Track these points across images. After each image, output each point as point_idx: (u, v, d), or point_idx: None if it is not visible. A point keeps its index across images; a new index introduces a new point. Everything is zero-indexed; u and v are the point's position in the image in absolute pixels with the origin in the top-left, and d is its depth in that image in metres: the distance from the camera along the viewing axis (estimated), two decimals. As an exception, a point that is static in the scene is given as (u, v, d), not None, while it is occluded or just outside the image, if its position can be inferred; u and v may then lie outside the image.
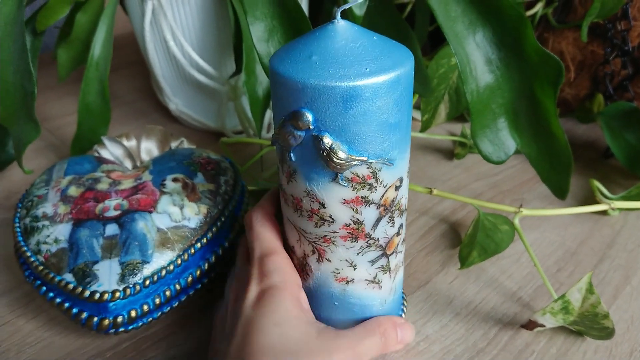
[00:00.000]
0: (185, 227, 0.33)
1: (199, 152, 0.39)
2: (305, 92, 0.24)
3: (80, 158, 0.40)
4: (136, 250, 0.32)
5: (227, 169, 0.39)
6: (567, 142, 0.36)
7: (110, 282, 0.31)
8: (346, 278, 0.29)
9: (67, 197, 0.35)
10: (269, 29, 0.36)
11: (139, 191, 0.35)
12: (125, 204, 0.34)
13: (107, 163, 0.39)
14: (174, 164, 0.37)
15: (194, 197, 0.35)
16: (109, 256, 0.31)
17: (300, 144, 0.25)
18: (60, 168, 0.38)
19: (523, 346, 0.33)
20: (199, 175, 0.37)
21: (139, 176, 0.37)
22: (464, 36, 0.36)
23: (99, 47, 0.47)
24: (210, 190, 0.36)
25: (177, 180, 0.36)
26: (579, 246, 0.41)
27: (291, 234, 0.29)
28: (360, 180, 0.26)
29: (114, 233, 0.32)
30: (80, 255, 0.31)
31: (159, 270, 0.32)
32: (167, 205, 0.34)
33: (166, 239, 0.32)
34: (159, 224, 0.33)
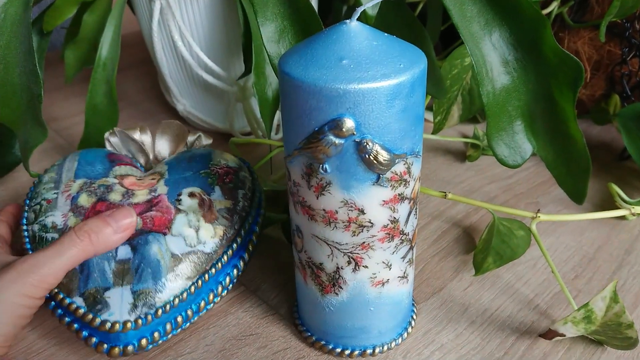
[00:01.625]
0: (200, 252, 0.32)
1: (217, 159, 0.37)
2: (348, 98, 0.23)
3: (92, 154, 0.38)
4: (149, 277, 0.30)
5: (245, 180, 0.37)
6: (585, 146, 0.35)
7: (121, 312, 0.29)
8: (382, 280, 0.29)
9: (77, 206, 0.33)
10: (280, 29, 0.36)
11: (153, 207, 0.33)
12: (139, 222, 0.32)
13: (120, 164, 0.37)
14: (191, 173, 0.35)
15: (211, 217, 0.33)
16: (121, 283, 0.30)
17: (339, 153, 0.24)
18: (70, 167, 0.36)
19: (541, 356, 0.32)
20: (217, 190, 0.35)
21: (153, 187, 0.35)
22: (480, 37, 0.35)
23: (106, 48, 0.47)
24: (228, 208, 0.34)
25: (194, 195, 0.34)
26: (597, 252, 0.40)
27: (320, 250, 0.28)
28: (398, 178, 0.26)
29: (126, 257, 0.31)
30: (91, 280, 0.30)
31: (172, 300, 0.30)
32: (182, 226, 0.32)
33: (179, 267, 0.31)
34: (173, 248, 0.31)
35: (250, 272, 0.39)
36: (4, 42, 0.38)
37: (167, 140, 0.40)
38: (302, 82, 0.24)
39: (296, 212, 0.29)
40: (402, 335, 0.33)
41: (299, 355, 0.33)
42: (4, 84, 0.38)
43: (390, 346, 0.32)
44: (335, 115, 0.24)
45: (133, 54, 0.79)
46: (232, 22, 0.48)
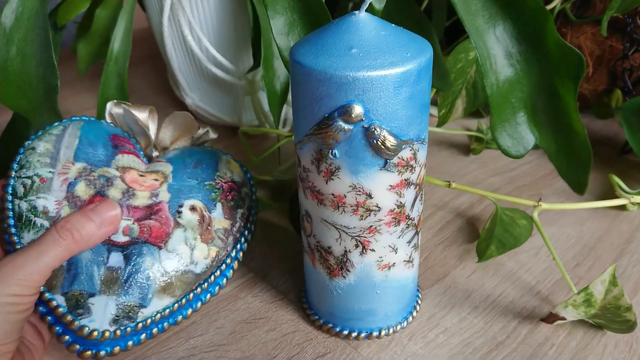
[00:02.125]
0: (190, 273, 0.31)
1: (223, 170, 0.36)
2: (357, 85, 0.24)
3: (94, 133, 0.34)
4: (136, 292, 0.29)
5: (246, 198, 0.36)
6: (586, 137, 0.36)
7: (102, 321, 0.29)
8: (388, 264, 0.30)
9: (74, 196, 0.31)
10: (289, 22, 0.37)
11: (152, 215, 0.32)
12: (136, 229, 0.31)
13: (124, 151, 0.35)
14: (195, 183, 0.34)
15: (207, 237, 0.32)
16: (107, 292, 0.29)
17: (348, 138, 0.25)
18: (70, 144, 0.33)
19: (543, 339, 0.33)
20: (218, 207, 0.34)
21: (155, 190, 0.33)
22: (484, 30, 0.36)
23: (118, 42, 0.48)
24: (225, 229, 0.33)
25: (195, 210, 0.33)
26: (598, 241, 0.41)
27: (328, 234, 0.29)
28: (405, 164, 0.27)
29: (117, 265, 0.29)
30: (77, 281, 0.29)
31: (154, 315, 0.30)
32: (179, 243, 0.31)
33: (169, 285, 0.30)
34: (166, 265, 0.30)
35: (259, 259, 0.40)
36: (22, 35, 0.39)
37: (172, 129, 0.38)
38: (313, 70, 0.25)
39: (305, 197, 0.30)
40: (408, 318, 0.34)
41: (307, 337, 0.34)
42: (21, 75, 0.39)
43: (396, 329, 0.33)
44: (345, 101, 0.25)
45: (140, 50, 0.80)
46: (241, 16, 0.49)
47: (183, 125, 0.38)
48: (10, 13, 0.38)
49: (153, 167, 0.35)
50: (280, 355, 0.32)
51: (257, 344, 0.33)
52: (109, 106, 0.36)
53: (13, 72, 0.39)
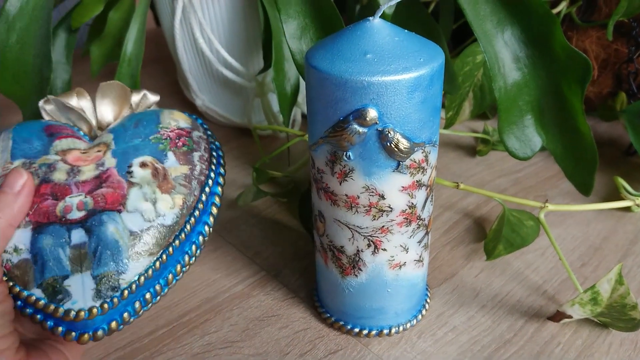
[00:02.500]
0: (160, 226, 0.30)
1: (166, 120, 0.34)
2: (371, 89, 0.25)
3: (27, 130, 0.33)
4: (109, 260, 0.28)
5: (200, 140, 0.34)
6: (592, 139, 0.37)
7: (85, 299, 0.28)
8: (399, 263, 0.31)
9: None
10: (302, 26, 0.37)
11: (103, 183, 0.30)
12: (90, 201, 0.29)
13: (60, 137, 0.33)
14: (139, 141, 0.33)
15: (167, 187, 0.31)
16: (80, 270, 0.28)
17: (362, 141, 0.26)
18: (5, 147, 0.32)
19: (549, 337, 0.34)
20: (170, 156, 0.32)
21: (100, 160, 0.32)
22: (492, 34, 0.36)
23: (131, 44, 0.49)
24: (185, 175, 0.32)
25: (146, 165, 0.31)
26: (603, 242, 0.42)
27: (341, 234, 0.30)
28: (417, 166, 0.28)
29: (81, 241, 0.28)
30: (47, 269, 0.28)
31: (137, 279, 0.29)
32: (138, 201, 0.30)
33: (141, 244, 0.29)
34: (131, 225, 0.29)
35: (270, 258, 0.41)
36: (24, 25, 0.40)
37: (109, 104, 0.36)
38: (329, 74, 0.26)
39: (319, 198, 0.31)
40: (417, 317, 0.35)
41: (318, 334, 0.34)
42: (18, 62, 0.40)
43: (406, 327, 0.34)
44: (360, 105, 0.26)
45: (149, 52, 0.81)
46: (252, 19, 0.50)
47: (117, 98, 0.36)
48: (15, 1, 0.39)
49: (95, 142, 0.34)
50: (293, 352, 0.33)
51: (270, 340, 0.34)
52: (40, 105, 0.35)
53: (11, 59, 0.40)
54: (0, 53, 0.39)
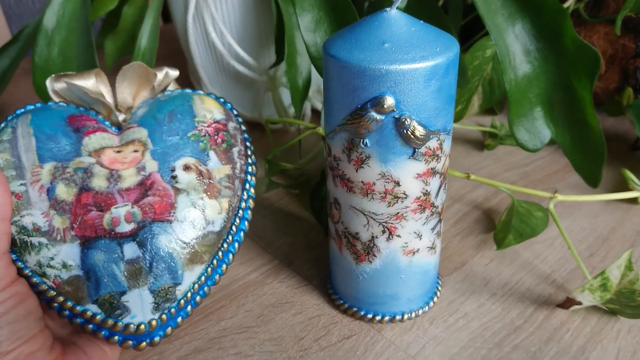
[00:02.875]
0: (211, 234, 0.30)
1: (201, 113, 0.33)
2: (389, 77, 0.26)
3: (49, 123, 0.31)
4: (165, 273, 0.28)
5: (236, 133, 0.33)
6: (601, 132, 0.38)
7: (144, 313, 0.28)
8: (413, 249, 0.31)
9: (58, 201, 0.28)
10: (316, 19, 0.38)
11: (148, 190, 0.29)
12: (138, 212, 0.28)
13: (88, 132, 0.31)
14: (177, 138, 0.31)
15: (213, 192, 0.30)
16: (137, 285, 0.28)
17: (379, 128, 0.27)
18: (28, 145, 0.30)
19: (559, 324, 0.34)
20: (211, 155, 0.31)
21: (139, 162, 0.30)
22: (503, 28, 0.37)
23: (145, 39, 0.50)
24: (228, 176, 0.31)
25: (189, 168, 0.30)
26: (610, 233, 0.42)
27: (356, 220, 0.31)
28: (432, 153, 0.28)
29: (135, 255, 0.28)
30: (102, 286, 0.27)
31: (192, 287, 0.29)
32: (187, 209, 0.29)
33: (194, 254, 0.29)
34: (183, 236, 0.29)
35: (283, 248, 0.42)
36: (63, 37, 0.41)
37: (128, 86, 0.33)
38: (347, 63, 0.26)
39: (335, 185, 0.31)
40: (429, 304, 0.35)
41: (332, 320, 0.35)
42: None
43: (418, 313, 0.35)
44: (377, 93, 0.26)
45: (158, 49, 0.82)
46: (264, 13, 0.51)
47: (138, 78, 0.33)
48: (52, 15, 0.40)
49: (127, 137, 0.31)
50: (307, 337, 0.34)
51: (285, 326, 0.35)
52: (49, 84, 0.32)
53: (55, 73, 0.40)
54: (44, 68, 0.40)
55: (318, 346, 0.33)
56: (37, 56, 0.40)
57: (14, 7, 0.89)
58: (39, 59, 0.40)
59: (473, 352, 0.33)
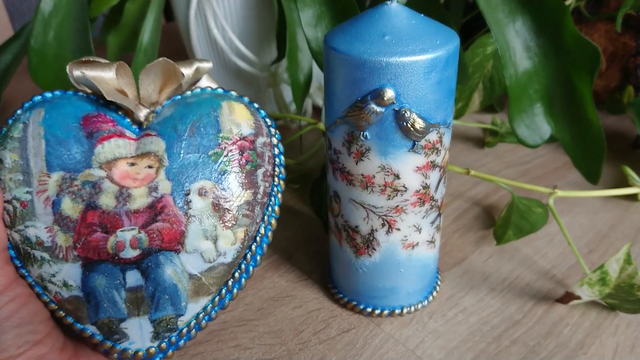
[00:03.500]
0: (221, 266, 0.28)
1: (227, 126, 0.29)
2: (389, 69, 0.26)
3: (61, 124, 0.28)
4: (167, 305, 0.27)
5: (264, 150, 0.30)
6: (601, 128, 0.38)
7: (143, 341, 0.27)
8: (412, 243, 0.32)
9: (62, 217, 0.26)
10: (318, 14, 0.38)
11: (158, 215, 0.27)
12: (144, 238, 0.26)
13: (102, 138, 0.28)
14: (196, 157, 0.28)
15: (229, 221, 0.27)
16: (137, 313, 0.27)
17: (379, 120, 0.27)
18: (37, 148, 0.27)
19: (558, 319, 0.34)
20: (232, 179, 0.28)
21: (152, 181, 0.27)
22: (504, 23, 0.37)
23: (147, 34, 0.50)
24: (248, 202, 0.28)
25: (205, 193, 0.27)
26: (610, 230, 0.42)
27: (356, 213, 0.31)
28: (431, 146, 0.28)
29: (137, 284, 0.27)
30: (102, 310, 0.27)
31: (195, 317, 0.28)
32: (198, 239, 0.27)
33: (200, 286, 0.27)
34: (190, 268, 0.27)
35: (283, 242, 0.42)
36: (59, 20, 0.41)
37: (152, 82, 0.30)
38: (347, 55, 0.27)
39: (335, 178, 0.31)
40: (428, 298, 0.35)
41: (331, 314, 0.35)
42: (58, 59, 0.41)
43: (417, 307, 0.35)
44: (377, 85, 0.26)
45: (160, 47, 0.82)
46: (265, 9, 0.51)
47: (163, 75, 0.30)
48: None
49: (143, 146, 0.28)
50: (307, 331, 0.34)
51: (284, 319, 0.35)
52: (69, 70, 0.29)
53: (51, 56, 0.41)
54: (40, 52, 0.40)
55: (317, 339, 0.33)
56: (34, 39, 0.40)
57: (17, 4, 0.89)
58: (35, 42, 0.40)
59: (472, 346, 0.33)
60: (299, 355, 0.32)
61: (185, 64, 0.30)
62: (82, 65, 0.29)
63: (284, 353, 0.33)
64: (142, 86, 0.30)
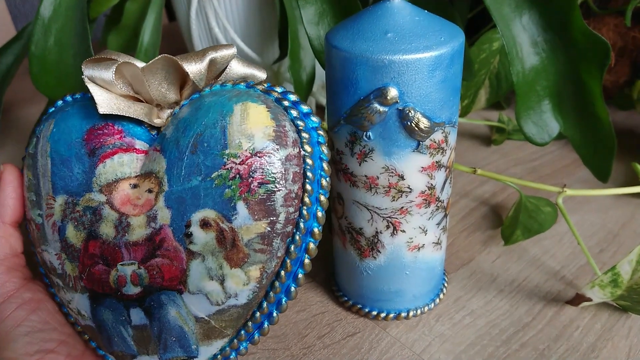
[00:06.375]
0: (233, 308, 0.25)
1: (235, 141, 0.24)
2: (392, 68, 0.25)
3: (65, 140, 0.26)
4: (176, 346, 0.25)
5: (288, 165, 0.24)
6: (611, 124, 0.37)
7: None
8: (418, 245, 0.31)
9: (68, 244, 0.25)
10: (320, 12, 0.38)
11: (157, 250, 0.24)
12: (144, 274, 0.24)
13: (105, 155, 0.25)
14: (198, 180, 0.24)
15: (237, 258, 0.24)
16: (146, 352, 0.25)
17: (382, 120, 0.26)
18: (45, 167, 0.26)
19: (568, 321, 0.33)
20: (240, 208, 0.23)
21: (151, 209, 0.24)
22: (510, 18, 0.36)
23: (148, 34, 0.49)
24: (261, 235, 0.24)
25: (208, 226, 0.24)
26: (621, 228, 0.41)
27: (360, 215, 0.30)
28: (436, 146, 0.28)
29: (141, 323, 0.25)
30: (114, 344, 0.26)
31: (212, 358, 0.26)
32: (201, 279, 0.24)
33: (210, 329, 0.25)
34: (195, 310, 0.24)
35: (287, 244, 0.41)
36: (59, 25, 0.40)
37: (161, 83, 0.26)
38: (350, 53, 0.26)
39: (338, 180, 0.31)
40: (435, 300, 0.35)
41: (336, 318, 0.35)
42: (59, 64, 0.40)
43: (424, 310, 0.34)
44: (381, 84, 0.26)
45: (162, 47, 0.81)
46: (267, 8, 0.50)
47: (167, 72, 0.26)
48: (49, 4, 0.40)
49: (149, 164, 0.25)
50: (311, 335, 0.33)
51: (288, 323, 0.34)
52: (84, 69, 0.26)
53: (52, 62, 0.40)
54: (41, 57, 0.39)
55: (322, 344, 0.33)
56: (34, 45, 0.40)
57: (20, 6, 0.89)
58: (36, 48, 0.40)
59: (480, 349, 0.32)
60: (303, 360, 0.32)
61: (197, 56, 0.25)
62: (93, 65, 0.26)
63: (288, 358, 0.32)
64: (152, 87, 0.26)
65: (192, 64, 0.25)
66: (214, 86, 0.26)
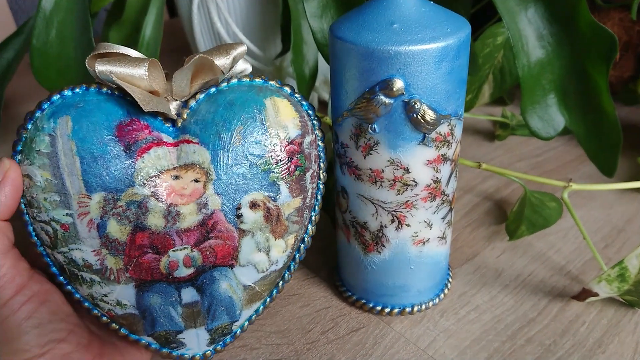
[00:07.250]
0: (273, 273, 0.28)
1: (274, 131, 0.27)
2: (398, 59, 0.25)
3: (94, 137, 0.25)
4: (223, 314, 0.28)
5: (311, 150, 0.28)
6: (617, 118, 0.36)
7: (199, 346, 0.28)
8: (423, 239, 0.31)
9: (110, 240, 0.25)
10: (322, 5, 0.37)
11: (210, 233, 0.26)
12: (198, 256, 0.26)
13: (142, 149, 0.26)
14: (245, 167, 0.26)
15: (281, 231, 0.27)
16: (194, 325, 0.27)
17: (388, 112, 0.26)
18: (71, 166, 0.25)
19: (574, 317, 0.33)
20: (282, 188, 0.27)
21: (201, 197, 0.26)
22: (516, 12, 0.36)
23: (149, 29, 0.49)
24: (298, 209, 0.28)
25: (257, 206, 0.26)
26: (626, 224, 0.41)
27: (364, 209, 0.30)
28: (442, 139, 0.27)
29: (193, 300, 0.27)
30: (158, 324, 0.27)
31: (248, 319, 0.29)
32: (251, 253, 0.27)
33: (255, 294, 0.28)
34: (245, 280, 0.27)
35: (290, 239, 0.41)
36: (61, 18, 0.40)
37: (185, 77, 0.27)
38: (355, 44, 0.25)
39: (342, 173, 0.30)
40: (439, 295, 0.34)
41: (340, 313, 0.34)
42: (60, 57, 0.40)
43: (428, 305, 0.34)
44: (386, 75, 0.25)
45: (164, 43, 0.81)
46: (269, 2, 0.50)
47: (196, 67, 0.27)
48: None
49: (186, 156, 0.26)
50: (315, 330, 0.33)
51: (292, 318, 0.34)
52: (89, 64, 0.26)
53: (53, 55, 0.40)
54: (42, 50, 0.39)
55: (326, 339, 0.33)
56: (35, 38, 0.39)
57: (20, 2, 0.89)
58: (37, 41, 0.40)
59: (485, 345, 0.32)
60: (307, 356, 0.32)
61: (221, 53, 0.27)
62: (107, 60, 0.25)
63: (292, 353, 0.32)
64: (175, 83, 0.27)
65: (221, 59, 0.27)
66: (231, 82, 0.28)
